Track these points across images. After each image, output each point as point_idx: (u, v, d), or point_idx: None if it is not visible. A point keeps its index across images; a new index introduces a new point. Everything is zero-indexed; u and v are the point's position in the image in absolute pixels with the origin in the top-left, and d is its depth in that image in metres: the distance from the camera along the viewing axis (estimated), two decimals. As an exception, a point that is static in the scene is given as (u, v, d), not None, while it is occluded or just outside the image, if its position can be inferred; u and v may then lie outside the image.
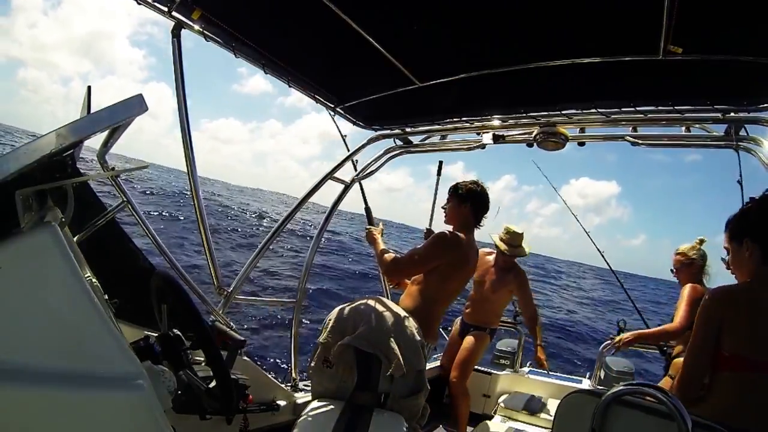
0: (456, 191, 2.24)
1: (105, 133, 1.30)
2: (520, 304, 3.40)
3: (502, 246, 3.19)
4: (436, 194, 2.88)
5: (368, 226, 2.45)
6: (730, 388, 1.26)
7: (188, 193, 1.89)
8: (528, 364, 3.84)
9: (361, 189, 2.74)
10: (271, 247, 2.44)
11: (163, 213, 14.49)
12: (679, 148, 2.12)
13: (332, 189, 2.74)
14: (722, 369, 1.29)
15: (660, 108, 1.89)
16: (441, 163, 3.00)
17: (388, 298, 3.03)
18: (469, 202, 2.20)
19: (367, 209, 2.62)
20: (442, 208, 2.34)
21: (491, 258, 3.35)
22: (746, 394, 1.22)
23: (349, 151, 2.67)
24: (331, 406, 1.70)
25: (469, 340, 3.21)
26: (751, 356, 1.23)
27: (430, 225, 2.81)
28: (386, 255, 2.15)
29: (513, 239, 3.21)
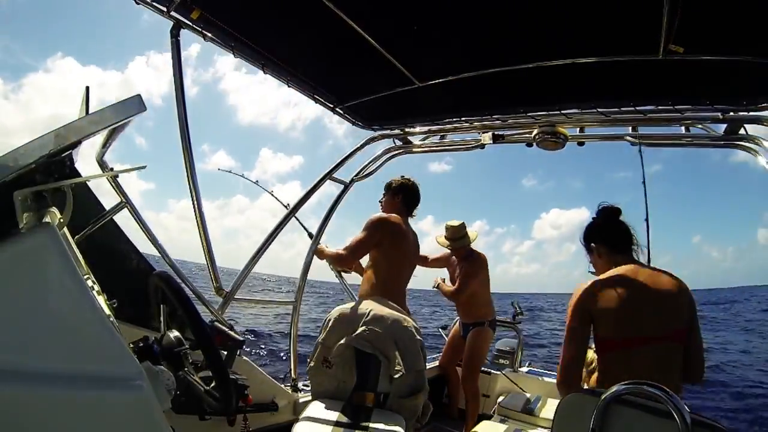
0: (389, 186, 2.49)
1: (104, 134, 1.30)
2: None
3: (444, 243, 3.30)
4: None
5: (312, 247, 2.61)
6: (614, 365, 1.48)
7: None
8: (527, 364, 3.83)
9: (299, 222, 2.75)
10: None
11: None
12: (679, 148, 2.12)
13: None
14: (605, 351, 1.52)
15: (660, 107, 1.89)
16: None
17: (350, 296, 3.04)
18: (400, 194, 2.43)
19: (309, 233, 2.73)
20: (379, 201, 2.52)
21: (453, 257, 3.41)
22: (628, 367, 1.40)
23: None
24: (331, 407, 1.70)
25: (471, 338, 3.26)
26: (621, 336, 1.46)
27: None
28: (335, 251, 2.40)
29: (453, 233, 3.28)
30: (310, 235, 2.71)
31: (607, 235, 1.68)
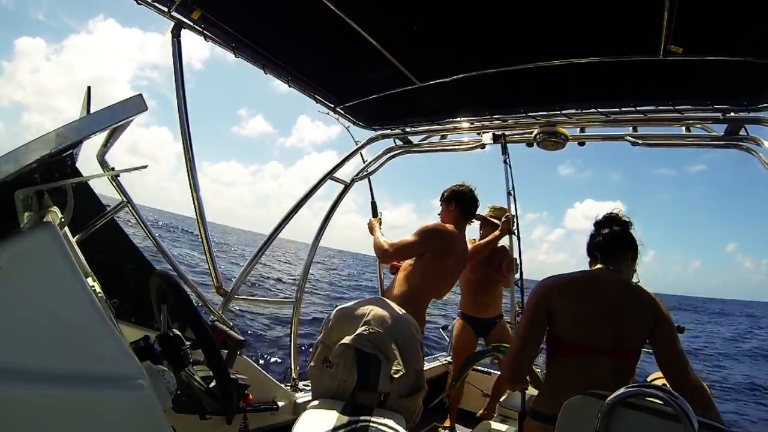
0: (443, 196, 2.45)
1: (105, 134, 1.30)
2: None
3: (494, 220, 3.13)
4: (509, 179, 2.74)
5: (370, 218, 2.62)
6: (562, 371, 1.43)
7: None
8: None
9: (370, 185, 2.86)
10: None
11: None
12: (680, 148, 2.12)
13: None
14: (554, 355, 1.45)
15: (660, 108, 1.89)
16: (504, 139, 2.65)
17: (381, 285, 3.03)
18: (454, 201, 2.37)
19: (373, 203, 2.77)
20: (438, 214, 2.48)
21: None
22: (575, 375, 1.36)
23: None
24: (331, 406, 1.70)
25: (502, 329, 3.20)
26: (574, 341, 1.38)
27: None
28: (381, 241, 2.31)
29: (500, 214, 3.14)
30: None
31: (593, 245, 1.55)
